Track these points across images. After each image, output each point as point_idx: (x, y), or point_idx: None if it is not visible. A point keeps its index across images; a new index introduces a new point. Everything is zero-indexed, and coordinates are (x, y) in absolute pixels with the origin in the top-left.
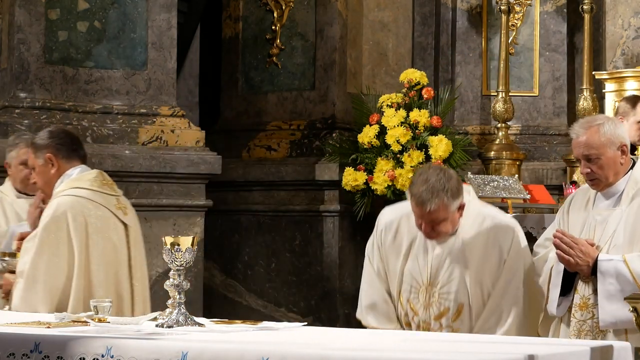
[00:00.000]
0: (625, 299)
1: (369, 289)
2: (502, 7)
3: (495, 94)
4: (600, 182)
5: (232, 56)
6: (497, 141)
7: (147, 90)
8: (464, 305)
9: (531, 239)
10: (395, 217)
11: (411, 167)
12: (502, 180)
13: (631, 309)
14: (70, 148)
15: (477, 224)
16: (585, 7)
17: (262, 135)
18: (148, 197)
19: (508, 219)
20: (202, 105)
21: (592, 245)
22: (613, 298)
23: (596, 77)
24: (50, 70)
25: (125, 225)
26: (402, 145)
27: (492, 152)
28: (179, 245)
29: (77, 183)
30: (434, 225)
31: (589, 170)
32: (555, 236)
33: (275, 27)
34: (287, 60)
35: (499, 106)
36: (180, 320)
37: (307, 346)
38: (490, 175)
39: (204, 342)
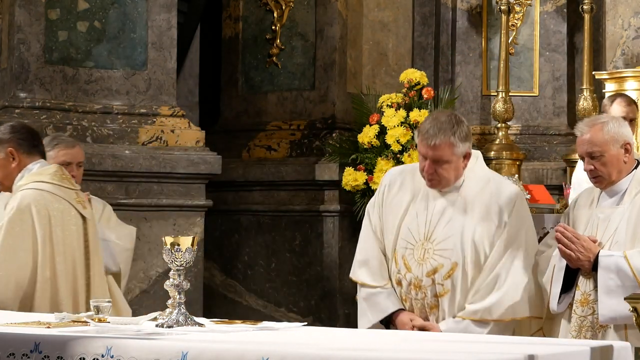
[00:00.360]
0: (625, 298)
1: (364, 245)
2: (502, 7)
3: (495, 94)
4: (603, 180)
5: (232, 56)
6: (497, 141)
7: (147, 90)
8: (458, 264)
9: None
10: (400, 174)
11: None
12: None
13: (631, 309)
14: (32, 143)
15: (481, 184)
16: (585, 7)
17: (262, 135)
18: (148, 197)
19: (514, 186)
20: (202, 105)
21: (595, 242)
22: (613, 293)
23: (596, 77)
24: (50, 70)
25: (84, 218)
26: (402, 145)
27: (492, 152)
28: (179, 245)
29: (38, 177)
30: (436, 167)
31: (592, 167)
32: (557, 230)
33: (275, 27)
34: (287, 60)
35: (499, 106)
36: (180, 320)
37: (307, 346)
38: None
39: (204, 342)
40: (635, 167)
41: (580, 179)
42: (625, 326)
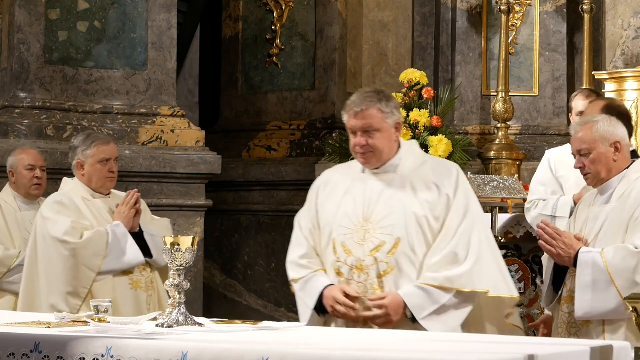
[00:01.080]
0: (625, 298)
1: (293, 248)
2: (502, 7)
3: (495, 94)
4: (592, 177)
5: (232, 56)
6: (497, 141)
7: (147, 90)
8: (402, 240)
9: (531, 239)
10: (332, 172)
11: None
12: (502, 180)
13: (631, 308)
14: None
15: (418, 162)
16: (585, 7)
17: (262, 135)
18: (148, 197)
19: (453, 163)
20: (202, 105)
21: (580, 239)
22: (588, 289)
23: (596, 77)
24: (50, 70)
25: None
26: None
27: (492, 152)
28: (179, 245)
29: None
30: (367, 138)
31: (581, 165)
32: (539, 226)
33: (275, 27)
34: (287, 60)
35: (499, 106)
36: (180, 320)
37: (307, 346)
38: (490, 175)
39: (204, 342)
40: (630, 166)
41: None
42: (604, 322)
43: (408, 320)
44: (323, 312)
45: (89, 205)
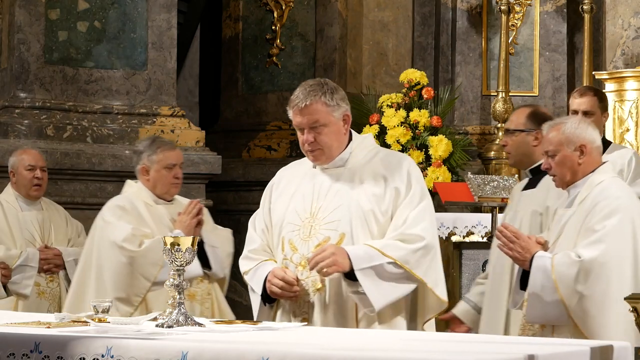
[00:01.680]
0: (625, 298)
1: (248, 244)
2: (502, 7)
3: (495, 94)
4: (558, 179)
5: (232, 56)
6: (497, 141)
7: (147, 90)
8: (346, 235)
9: None
10: (284, 171)
11: None
12: (502, 180)
13: (631, 308)
14: None
15: (369, 155)
16: (585, 7)
17: (262, 135)
18: None
19: (403, 154)
20: (202, 105)
21: (541, 243)
22: (537, 294)
23: (596, 77)
24: (50, 70)
25: None
26: (402, 145)
27: (492, 152)
28: (179, 245)
29: None
30: (315, 135)
31: (548, 166)
32: (497, 229)
33: (275, 27)
34: (287, 60)
35: (499, 106)
36: (180, 320)
37: (307, 346)
38: (490, 175)
39: (204, 342)
40: (596, 169)
41: None
42: (553, 327)
43: (348, 281)
44: (270, 300)
45: (150, 211)
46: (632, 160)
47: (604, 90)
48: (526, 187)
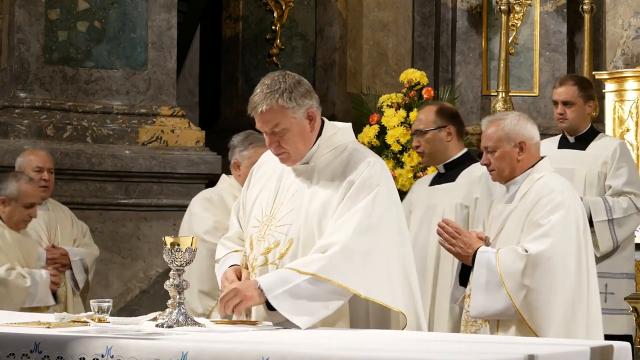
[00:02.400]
0: (625, 298)
1: (229, 229)
2: (502, 7)
3: (495, 94)
4: (496, 174)
5: (232, 56)
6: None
7: (147, 90)
8: (295, 241)
9: None
10: (267, 156)
11: (411, 167)
12: None
13: (631, 309)
14: None
15: (335, 154)
16: (585, 7)
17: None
18: (148, 197)
19: (373, 155)
20: (202, 105)
21: (482, 238)
22: (482, 289)
23: (596, 77)
24: (50, 70)
25: None
26: (402, 145)
27: None
28: (179, 245)
29: None
30: (278, 140)
31: (487, 161)
32: (439, 225)
33: (275, 27)
34: (287, 60)
35: (499, 106)
36: (180, 320)
37: (307, 346)
38: None
39: (204, 342)
40: (535, 165)
41: None
42: (498, 322)
43: (269, 312)
44: None
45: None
46: (617, 151)
47: (604, 91)
48: (436, 182)
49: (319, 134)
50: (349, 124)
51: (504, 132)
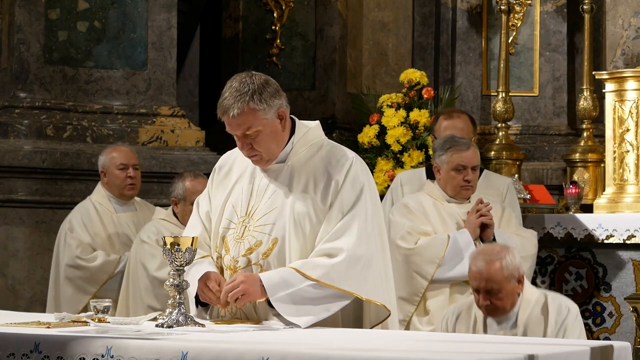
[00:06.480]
0: (625, 299)
1: (189, 231)
2: (502, 7)
3: (495, 94)
4: (496, 311)
5: (232, 56)
6: (497, 141)
7: (147, 90)
8: (279, 240)
9: None
10: (232, 154)
11: (411, 167)
12: None
13: (631, 309)
14: None
15: (312, 151)
16: (585, 7)
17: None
18: (148, 197)
19: (350, 151)
20: (202, 105)
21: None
22: None
23: (596, 77)
24: (50, 70)
25: None
26: (402, 145)
27: (492, 152)
28: (179, 245)
29: None
30: (250, 142)
31: (488, 303)
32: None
33: (275, 27)
34: (287, 60)
35: (499, 106)
36: (180, 320)
37: (307, 346)
38: None
39: (204, 342)
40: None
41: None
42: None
43: (268, 306)
44: (205, 304)
45: (438, 209)
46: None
47: (604, 91)
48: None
49: (292, 133)
50: (318, 122)
51: (509, 271)
